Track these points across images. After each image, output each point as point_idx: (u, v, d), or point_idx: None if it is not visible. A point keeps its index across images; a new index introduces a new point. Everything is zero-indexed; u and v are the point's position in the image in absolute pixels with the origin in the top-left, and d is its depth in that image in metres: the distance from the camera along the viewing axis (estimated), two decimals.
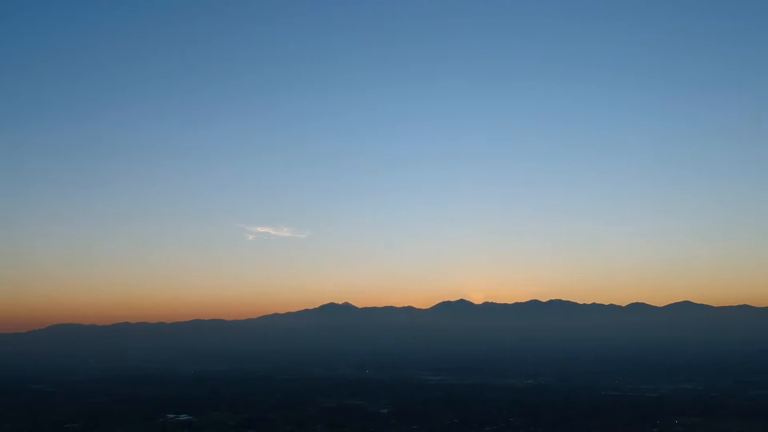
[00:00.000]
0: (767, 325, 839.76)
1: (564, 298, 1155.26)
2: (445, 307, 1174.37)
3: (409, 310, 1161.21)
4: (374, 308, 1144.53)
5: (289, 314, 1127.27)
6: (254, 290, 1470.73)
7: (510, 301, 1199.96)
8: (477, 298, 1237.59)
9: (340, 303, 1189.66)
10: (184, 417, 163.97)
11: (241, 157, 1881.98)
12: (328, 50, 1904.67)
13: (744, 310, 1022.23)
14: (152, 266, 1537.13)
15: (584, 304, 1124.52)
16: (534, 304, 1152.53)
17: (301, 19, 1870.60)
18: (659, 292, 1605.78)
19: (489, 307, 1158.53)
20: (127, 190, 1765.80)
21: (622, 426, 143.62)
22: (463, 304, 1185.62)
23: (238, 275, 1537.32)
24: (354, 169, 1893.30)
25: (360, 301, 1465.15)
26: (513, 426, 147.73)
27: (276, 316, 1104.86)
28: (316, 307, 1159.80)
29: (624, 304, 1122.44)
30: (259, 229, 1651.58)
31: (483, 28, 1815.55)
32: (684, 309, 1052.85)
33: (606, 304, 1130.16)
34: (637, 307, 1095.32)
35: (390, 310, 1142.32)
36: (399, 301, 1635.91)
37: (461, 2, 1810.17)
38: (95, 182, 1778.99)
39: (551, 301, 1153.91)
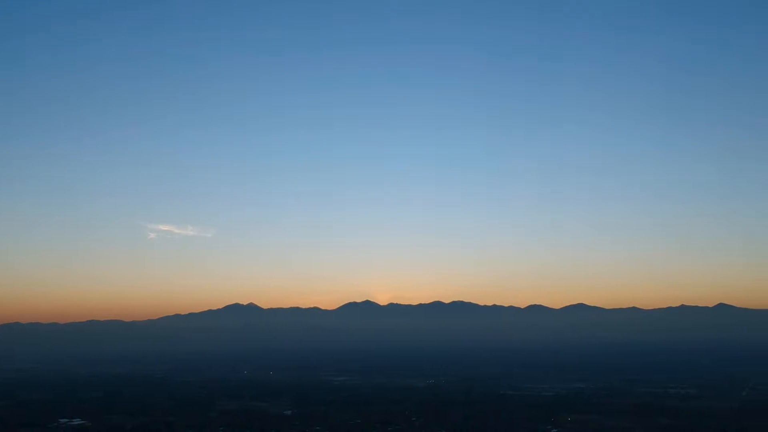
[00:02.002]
0: (654, 327, 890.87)
1: (466, 300, 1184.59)
2: (351, 308, 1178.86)
3: (315, 311, 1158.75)
4: (280, 309, 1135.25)
5: (192, 315, 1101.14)
6: (156, 290, 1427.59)
7: (414, 302, 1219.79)
8: (382, 300, 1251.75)
9: (244, 304, 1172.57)
10: (77, 422, 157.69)
11: (143, 152, 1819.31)
12: (229, 49, 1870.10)
13: (633, 312, 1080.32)
14: (46, 264, 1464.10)
15: (485, 306, 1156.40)
16: (437, 305, 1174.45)
17: (203, 21, 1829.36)
18: (556, 295, 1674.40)
19: (394, 308, 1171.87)
20: (20, 185, 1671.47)
21: (519, 424, 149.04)
22: (368, 305, 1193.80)
23: (139, 275, 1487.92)
24: (261, 170, 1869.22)
25: (265, 302, 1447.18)
26: (414, 426, 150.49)
27: (178, 317, 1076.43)
28: (220, 307, 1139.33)
29: (523, 306, 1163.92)
30: (162, 227, 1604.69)
31: (389, 28, 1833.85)
32: (578, 311, 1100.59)
33: (506, 305, 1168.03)
34: (535, 309, 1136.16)
35: (295, 311, 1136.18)
36: (305, 302, 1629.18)
37: None
38: None
39: (454, 303, 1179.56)
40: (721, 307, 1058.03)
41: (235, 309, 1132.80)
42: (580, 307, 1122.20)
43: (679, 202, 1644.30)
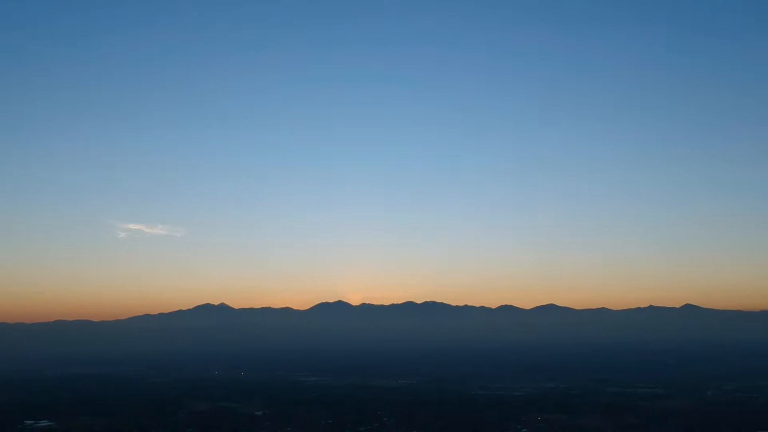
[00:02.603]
0: (623, 327, 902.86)
1: (438, 300, 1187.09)
2: (323, 308, 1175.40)
3: (287, 311, 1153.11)
4: (251, 309, 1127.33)
5: (161, 315, 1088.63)
6: (125, 290, 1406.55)
7: (386, 303, 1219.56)
8: (354, 300, 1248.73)
9: (215, 304, 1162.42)
10: (44, 423, 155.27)
11: (113, 151, 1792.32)
12: (199, 49, 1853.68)
13: (603, 312, 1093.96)
14: (14, 263, 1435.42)
15: (457, 306, 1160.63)
16: (409, 305, 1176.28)
17: (174, 20, 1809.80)
18: (526, 295, 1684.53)
19: (366, 309, 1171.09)
20: None
21: (490, 423, 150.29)
22: (340, 306, 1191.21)
23: (108, 274, 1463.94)
24: (232, 169, 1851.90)
25: (236, 302, 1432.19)
26: (386, 426, 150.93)
27: (148, 317, 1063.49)
28: (191, 307, 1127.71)
29: (494, 306, 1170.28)
30: (132, 226, 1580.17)
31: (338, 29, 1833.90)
32: (549, 311, 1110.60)
33: (477, 306, 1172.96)
34: (506, 309, 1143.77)
35: (267, 311, 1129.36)
36: (276, 302, 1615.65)
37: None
38: None
39: (426, 303, 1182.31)
40: (688, 307, 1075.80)
41: (205, 309, 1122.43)
42: (551, 308, 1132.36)
43: (647, 205, 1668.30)
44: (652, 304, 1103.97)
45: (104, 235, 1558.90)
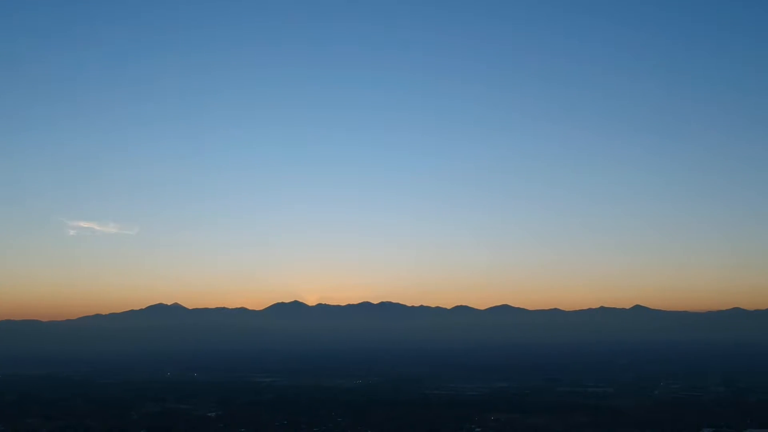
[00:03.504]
0: (575, 327, 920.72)
1: (394, 300, 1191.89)
2: (279, 308, 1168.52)
3: (242, 311, 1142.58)
4: (205, 309, 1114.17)
5: (113, 315, 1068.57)
6: (75, 289, 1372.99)
7: (343, 303, 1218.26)
8: (310, 300, 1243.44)
9: (169, 304, 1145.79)
10: None
11: (64, 148, 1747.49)
12: (150, 46, 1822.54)
13: (555, 313, 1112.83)
14: None
15: (413, 306, 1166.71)
16: (365, 305, 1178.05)
17: (121, 16, 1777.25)
18: (481, 296, 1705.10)
19: (322, 309, 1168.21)
20: None
21: (444, 423, 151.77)
22: (296, 306, 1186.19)
23: (58, 273, 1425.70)
24: (187, 168, 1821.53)
25: (190, 302, 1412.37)
26: (341, 426, 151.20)
27: (98, 317, 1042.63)
28: (143, 307, 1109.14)
29: (449, 307, 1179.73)
30: (83, 224, 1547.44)
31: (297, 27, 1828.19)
32: (503, 312, 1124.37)
33: (433, 306, 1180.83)
34: (461, 310, 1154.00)
35: (222, 311, 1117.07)
36: (231, 302, 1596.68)
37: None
38: None
39: (382, 303, 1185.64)
40: (637, 308, 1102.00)
41: (158, 309, 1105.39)
42: (505, 308, 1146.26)
43: (599, 208, 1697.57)
44: (603, 305, 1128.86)
45: (54, 233, 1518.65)
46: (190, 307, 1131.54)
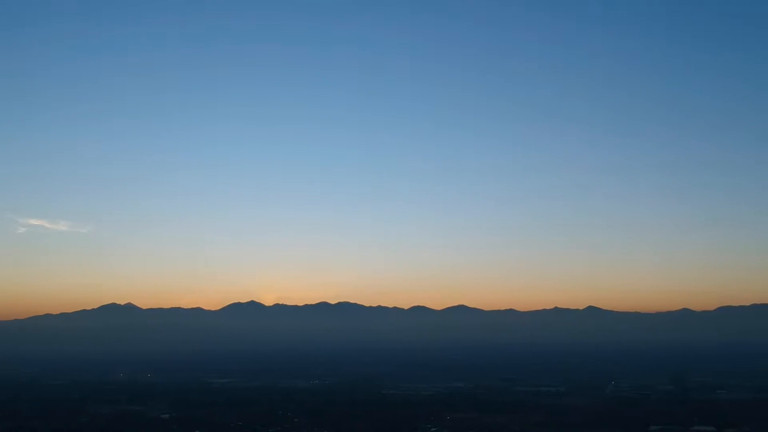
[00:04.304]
0: (530, 328, 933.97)
1: (352, 301, 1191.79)
2: (235, 308, 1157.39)
3: (197, 311, 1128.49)
4: (160, 309, 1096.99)
5: (63, 315, 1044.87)
6: (25, 288, 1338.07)
7: (300, 303, 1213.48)
8: (268, 300, 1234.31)
9: (122, 303, 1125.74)
10: None
11: (12, 143, 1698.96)
12: (112, 43, 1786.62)
13: (510, 314, 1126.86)
14: None
15: (370, 307, 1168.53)
16: (323, 305, 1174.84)
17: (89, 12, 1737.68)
18: (438, 297, 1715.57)
19: (279, 309, 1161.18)
20: None
21: (400, 423, 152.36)
22: (253, 306, 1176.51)
23: (6, 271, 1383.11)
24: (142, 166, 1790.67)
25: (144, 302, 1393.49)
26: (297, 426, 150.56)
27: (48, 317, 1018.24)
28: (95, 307, 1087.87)
29: (406, 307, 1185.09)
30: (32, 222, 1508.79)
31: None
32: (459, 312, 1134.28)
33: (390, 306, 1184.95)
34: (418, 310, 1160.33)
35: (177, 311, 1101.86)
36: (187, 302, 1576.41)
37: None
38: None
39: (340, 303, 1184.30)
40: (590, 309, 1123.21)
41: (111, 309, 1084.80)
42: (461, 309, 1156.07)
43: (552, 209, 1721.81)
44: (557, 306, 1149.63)
45: (3, 230, 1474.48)
46: (144, 307, 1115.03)
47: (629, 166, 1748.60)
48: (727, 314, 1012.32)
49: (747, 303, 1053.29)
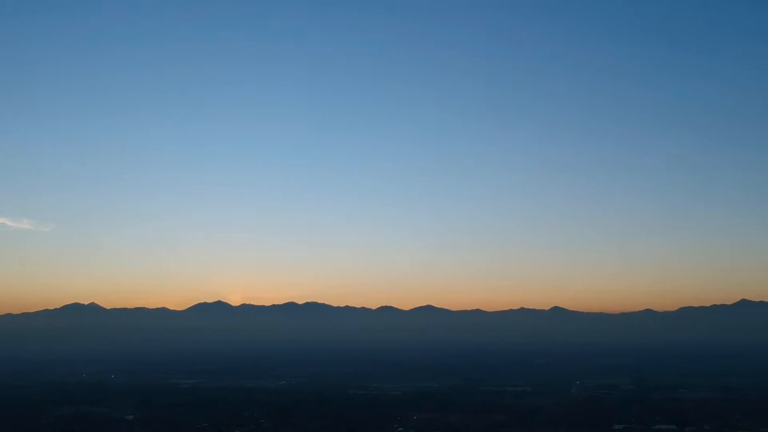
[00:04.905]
0: (496, 328, 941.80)
1: (319, 301, 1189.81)
2: (202, 308, 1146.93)
3: (163, 311, 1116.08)
4: (124, 309, 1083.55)
5: (25, 315, 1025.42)
6: None
7: (267, 303, 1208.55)
8: (234, 300, 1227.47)
9: (85, 303, 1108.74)
10: None
11: None
12: (84, 39, 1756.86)
13: (477, 314, 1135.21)
14: None
15: (338, 307, 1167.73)
16: (291, 306, 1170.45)
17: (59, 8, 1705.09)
18: (405, 297, 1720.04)
19: (246, 309, 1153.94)
20: None
21: (367, 422, 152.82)
22: (220, 306, 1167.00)
23: None
24: (107, 165, 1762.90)
25: (108, 302, 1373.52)
26: (263, 427, 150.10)
27: (9, 317, 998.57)
28: (58, 307, 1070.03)
29: (374, 308, 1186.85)
30: None
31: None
32: (426, 312, 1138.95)
33: (358, 306, 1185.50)
34: (386, 310, 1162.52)
35: (141, 311, 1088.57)
36: (151, 302, 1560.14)
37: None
38: None
39: (307, 303, 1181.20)
40: (556, 310, 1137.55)
41: (74, 309, 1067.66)
42: (429, 309, 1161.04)
43: (519, 211, 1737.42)
44: (524, 307, 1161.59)
45: None
46: (108, 307, 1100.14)
47: (593, 167, 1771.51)
48: (689, 315, 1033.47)
49: (708, 304, 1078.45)
